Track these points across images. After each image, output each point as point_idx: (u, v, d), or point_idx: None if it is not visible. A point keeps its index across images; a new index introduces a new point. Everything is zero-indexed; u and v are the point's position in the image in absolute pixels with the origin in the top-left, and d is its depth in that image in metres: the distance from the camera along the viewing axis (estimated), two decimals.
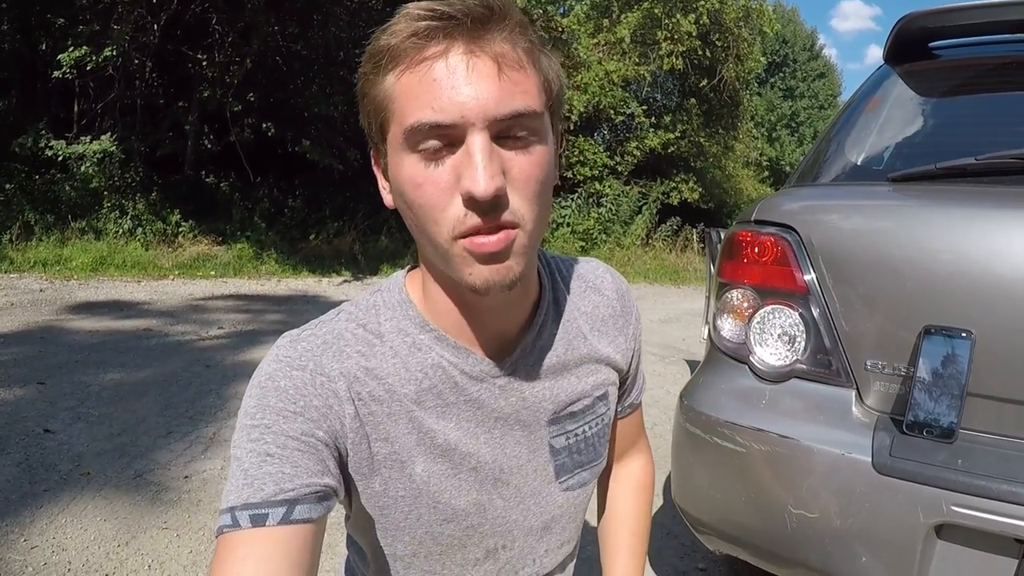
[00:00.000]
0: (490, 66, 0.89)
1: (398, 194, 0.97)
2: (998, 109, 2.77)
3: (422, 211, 0.93)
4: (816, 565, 2.00)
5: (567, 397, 1.21)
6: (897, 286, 1.98)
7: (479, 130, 0.89)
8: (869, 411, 2.03)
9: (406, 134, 0.90)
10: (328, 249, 14.13)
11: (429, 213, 0.93)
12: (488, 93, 0.88)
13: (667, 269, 17.92)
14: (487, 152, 0.89)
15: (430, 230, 0.94)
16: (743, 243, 2.26)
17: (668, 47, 18.84)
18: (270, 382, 1.00)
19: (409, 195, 0.94)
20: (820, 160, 2.68)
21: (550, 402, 1.18)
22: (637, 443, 1.54)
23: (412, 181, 0.92)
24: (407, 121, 0.90)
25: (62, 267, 10.31)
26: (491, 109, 0.88)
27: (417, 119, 0.89)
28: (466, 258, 0.93)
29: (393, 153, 0.95)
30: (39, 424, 4.45)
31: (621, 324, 1.31)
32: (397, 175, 0.95)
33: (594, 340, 1.25)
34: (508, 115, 0.90)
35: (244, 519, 0.91)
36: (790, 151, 40.58)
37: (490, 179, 0.88)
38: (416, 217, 0.95)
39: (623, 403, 1.42)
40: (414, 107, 0.89)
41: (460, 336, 1.09)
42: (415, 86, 0.89)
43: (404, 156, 0.93)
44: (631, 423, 1.49)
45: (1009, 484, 1.73)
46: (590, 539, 3.46)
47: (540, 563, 1.29)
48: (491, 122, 0.89)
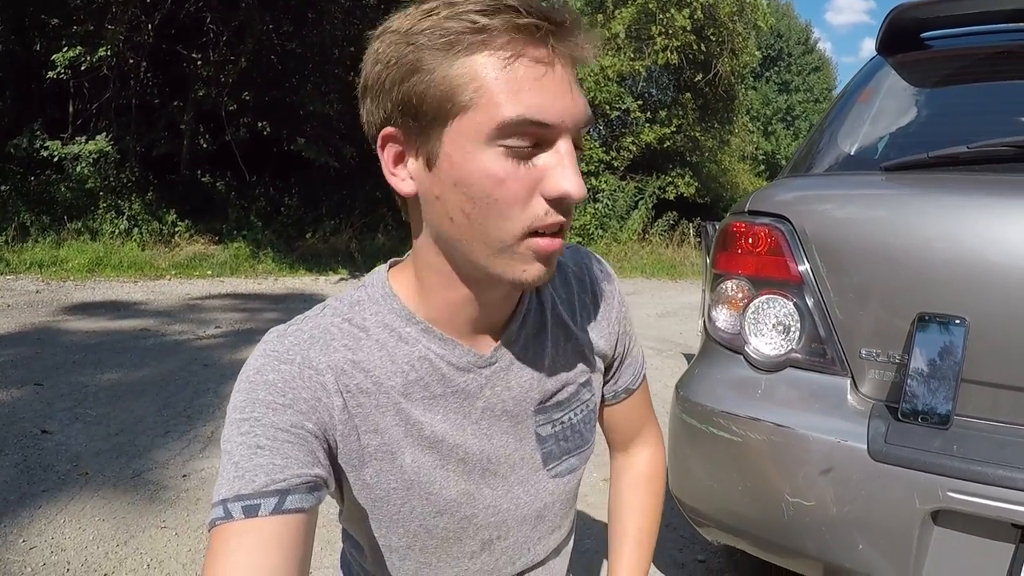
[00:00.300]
0: (573, 76, 0.93)
1: (454, 183, 0.93)
2: (990, 98, 2.78)
3: (495, 206, 0.91)
4: (813, 553, 2.01)
5: (552, 385, 1.21)
6: (891, 274, 1.98)
7: (570, 134, 0.92)
8: (864, 399, 2.04)
9: (501, 126, 0.88)
10: (325, 247, 14.15)
11: (504, 209, 0.91)
12: (580, 102, 0.93)
13: (664, 264, 17.96)
14: (574, 156, 0.92)
15: (496, 225, 0.93)
16: (737, 234, 2.26)
17: (663, 42, 18.88)
18: (258, 376, 1.00)
19: (485, 188, 0.91)
20: (813, 151, 2.68)
21: (536, 391, 1.19)
22: (642, 432, 1.51)
23: (492, 176, 0.90)
24: (506, 113, 0.87)
25: (58, 268, 10.32)
26: (581, 118, 0.92)
27: (521, 114, 0.87)
28: (527, 256, 0.95)
29: (461, 142, 0.91)
30: (37, 425, 4.44)
31: (603, 309, 1.31)
32: (462, 165, 0.91)
33: (575, 327, 1.26)
34: (587, 124, 0.94)
35: (236, 510, 0.91)
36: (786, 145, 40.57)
37: (581, 181, 0.91)
38: (481, 211, 0.92)
39: (614, 388, 1.41)
40: (517, 101, 0.88)
41: (448, 328, 1.09)
42: (519, 80, 0.88)
43: (482, 147, 0.90)
44: (631, 410, 1.46)
45: (1005, 469, 1.73)
46: (587, 532, 3.48)
47: (534, 551, 1.30)
48: (576, 129, 0.93)
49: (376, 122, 0.97)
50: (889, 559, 1.88)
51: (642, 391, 1.47)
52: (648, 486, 1.52)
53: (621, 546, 1.49)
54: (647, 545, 1.49)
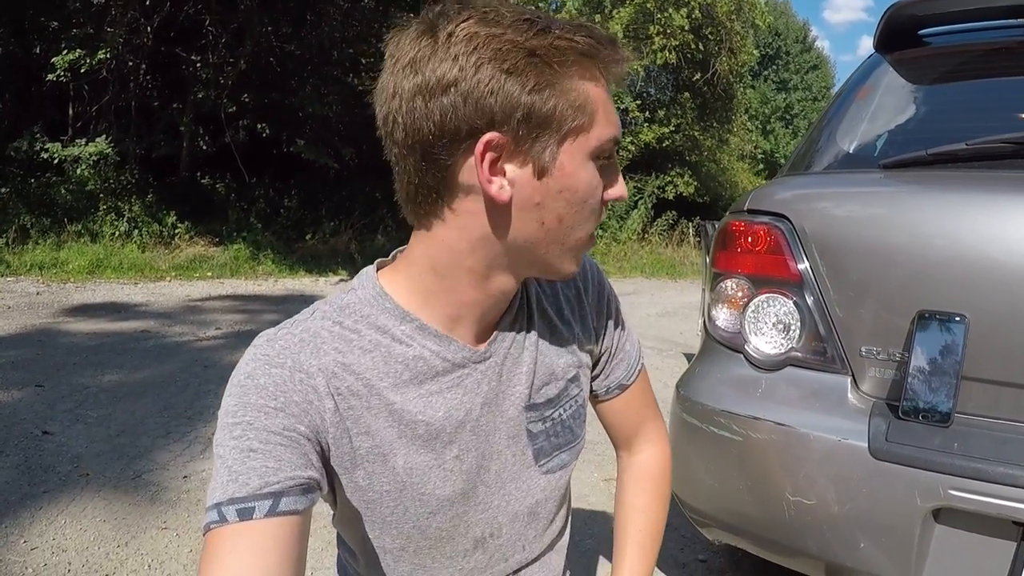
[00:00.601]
0: None
1: (561, 191, 1.00)
2: (988, 94, 2.78)
3: (586, 210, 1.03)
4: (815, 552, 2.01)
5: (541, 380, 1.22)
6: (890, 272, 1.98)
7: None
8: (865, 397, 2.04)
9: (604, 143, 1.00)
10: (324, 249, 14.15)
11: (590, 213, 1.04)
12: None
13: (664, 263, 17.96)
14: None
15: (582, 227, 1.05)
16: (736, 233, 2.26)
17: (661, 41, 18.86)
18: (250, 380, 1.00)
19: (584, 195, 1.02)
20: (812, 149, 2.68)
21: (525, 386, 1.20)
22: (644, 430, 1.49)
23: (593, 184, 1.02)
24: (606, 134, 1.00)
25: (59, 270, 10.32)
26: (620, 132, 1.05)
27: (613, 135, 1.02)
28: (584, 251, 1.10)
29: (575, 153, 0.99)
30: (38, 426, 4.44)
31: (587, 303, 1.33)
32: (574, 174, 0.99)
33: (559, 322, 1.27)
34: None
35: (231, 513, 0.91)
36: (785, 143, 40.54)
37: None
38: (576, 216, 1.03)
39: (606, 383, 1.41)
40: (608, 122, 1.00)
41: (445, 325, 1.10)
42: (608, 103, 1.01)
43: (588, 160, 1.00)
44: (628, 406, 1.45)
45: (1006, 467, 1.73)
46: (588, 532, 3.48)
47: (529, 548, 1.30)
48: None
49: (466, 124, 0.94)
50: (891, 557, 1.88)
51: (639, 387, 1.46)
52: (650, 486, 1.51)
53: (623, 548, 1.48)
54: (649, 547, 1.48)
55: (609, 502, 3.90)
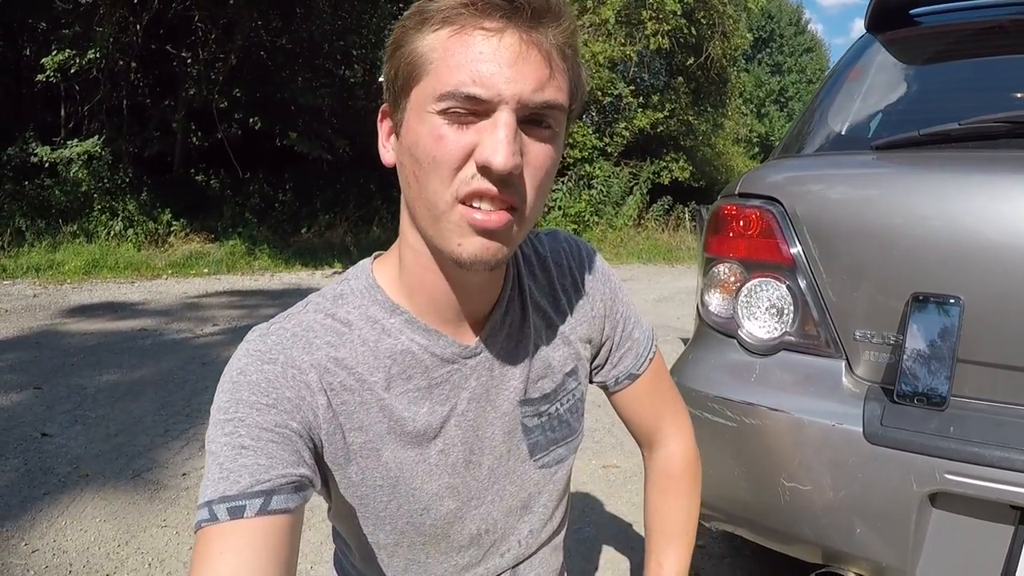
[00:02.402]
0: (537, 56, 0.92)
1: (408, 148, 0.97)
2: (981, 73, 2.77)
3: (433, 165, 0.94)
4: (811, 538, 2.00)
5: (536, 375, 1.21)
6: (884, 254, 1.97)
7: (509, 109, 0.91)
8: (859, 381, 2.03)
9: (441, 96, 0.91)
10: (320, 242, 14.16)
11: (440, 169, 0.94)
12: (527, 79, 0.91)
13: (660, 249, 17.95)
14: (512, 129, 0.91)
15: (433, 187, 0.95)
16: (728, 217, 2.25)
17: (653, 26, 18.80)
18: (242, 377, 1.00)
19: (427, 147, 0.94)
20: (804, 131, 2.67)
21: (520, 380, 1.19)
22: (662, 423, 1.45)
23: (434, 134, 0.93)
24: (445, 84, 0.91)
25: (55, 271, 10.30)
26: (526, 95, 0.91)
27: (456, 86, 0.90)
28: (462, 227, 0.95)
29: (416, 108, 0.95)
30: (36, 428, 4.44)
31: (585, 292, 1.30)
32: (415, 129, 0.95)
33: (555, 315, 1.25)
34: (539, 104, 0.93)
35: (222, 512, 0.91)
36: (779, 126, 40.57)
37: (511, 155, 0.90)
38: (424, 173, 0.95)
39: (615, 373, 1.37)
40: (455, 73, 0.91)
41: (431, 317, 1.09)
42: (460, 53, 0.91)
43: (427, 114, 0.93)
44: (642, 397, 1.41)
45: (1002, 450, 1.72)
46: (586, 520, 3.48)
47: (525, 544, 1.29)
48: (521, 106, 0.92)
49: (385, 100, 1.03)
50: (887, 542, 1.87)
51: (652, 376, 1.40)
52: (671, 486, 1.48)
53: (649, 551, 1.48)
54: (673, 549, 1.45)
55: (607, 490, 3.91)
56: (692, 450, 1.51)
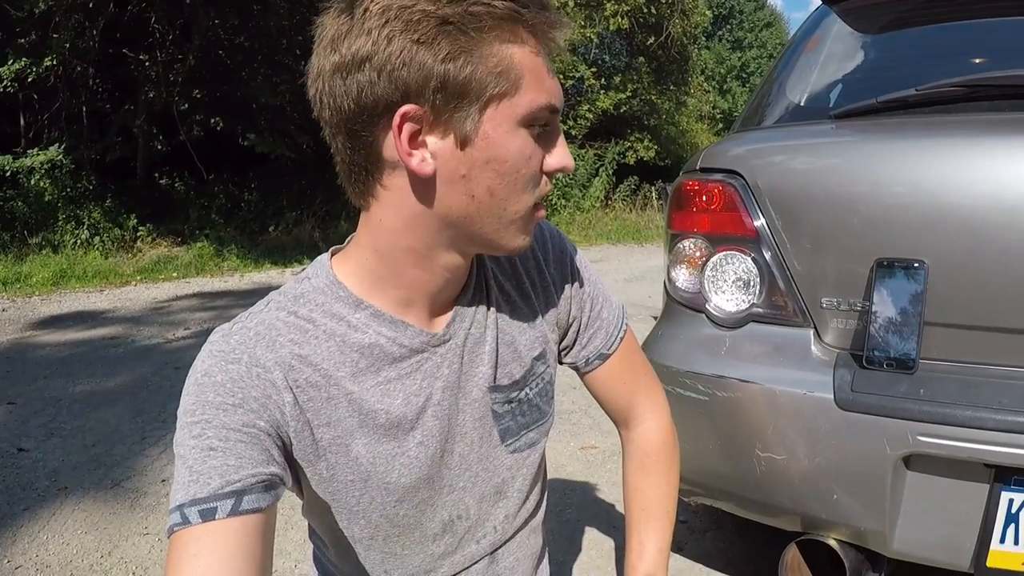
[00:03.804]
0: None
1: (487, 161, 0.96)
2: (936, 40, 2.79)
3: (520, 181, 1.00)
4: (789, 507, 2.02)
5: (503, 359, 1.21)
6: (846, 222, 1.99)
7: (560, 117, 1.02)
8: (828, 349, 2.04)
9: (536, 110, 0.96)
10: (288, 239, 14.08)
11: (527, 182, 1.00)
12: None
13: (629, 229, 17.97)
14: None
15: (517, 199, 1.01)
16: (691, 192, 2.26)
17: (612, 7, 18.80)
18: (207, 378, 0.99)
19: (516, 165, 0.98)
20: (763, 104, 2.68)
21: (488, 366, 1.19)
22: (636, 400, 1.46)
23: (524, 154, 0.98)
24: (538, 100, 0.96)
25: (22, 284, 10.18)
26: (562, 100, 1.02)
27: (548, 101, 0.98)
28: (529, 225, 1.06)
29: (501, 121, 0.95)
30: (12, 444, 4.40)
31: (549, 275, 1.30)
32: (501, 143, 0.96)
33: (520, 300, 1.26)
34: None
35: (193, 515, 0.90)
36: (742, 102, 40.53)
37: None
38: (507, 187, 0.99)
39: (585, 353, 1.38)
40: (542, 88, 0.97)
41: (399, 310, 1.09)
42: (542, 68, 0.97)
43: (517, 128, 0.97)
44: (614, 375, 1.42)
45: (973, 410, 1.75)
46: (568, 502, 3.49)
47: (501, 529, 1.29)
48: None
49: (382, 99, 0.93)
50: (865, 507, 1.90)
51: (624, 355, 1.42)
52: (648, 463, 1.48)
53: (630, 529, 1.48)
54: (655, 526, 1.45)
55: (586, 471, 3.93)
56: (668, 427, 1.52)
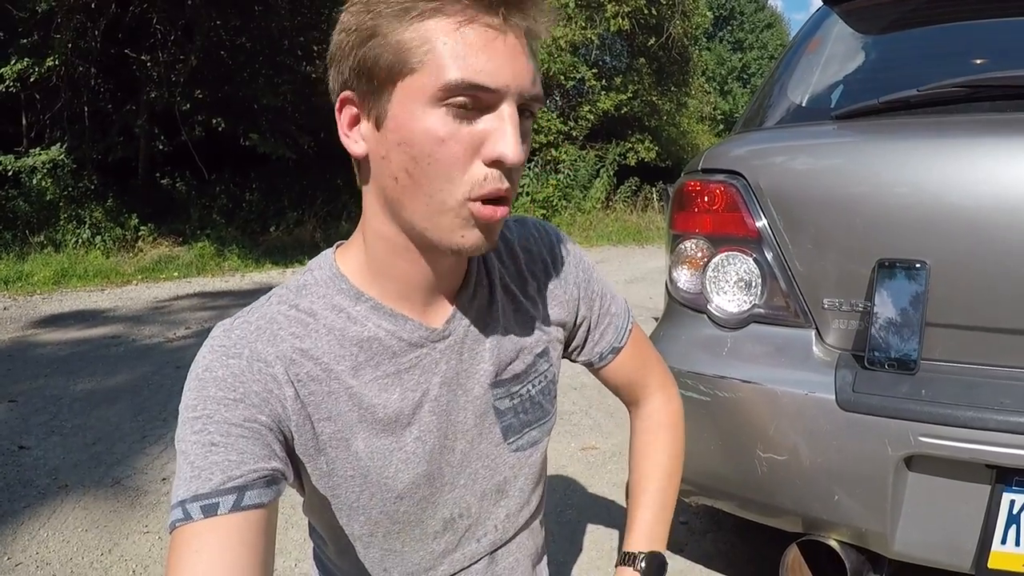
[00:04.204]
0: (527, 51, 0.96)
1: (398, 143, 0.96)
2: (937, 40, 2.79)
3: (437, 166, 0.94)
4: (791, 508, 2.02)
5: (506, 357, 1.21)
6: (848, 223, 1.99)
7: (512, 101, 0.94)
8: (830, 349, 2.04)
9: (445, 88, 0.91)
10: (289, 239, 14.07)
11: (446, 170, 0.94)
12: (527, 71, 0.95)
13: (630, 230, 17.96)
14: (516, 122, 0.94)
15: (439, 187, 0.95)
16: (692, 193, 2.26)
17: (613, 8, 18.79)
18: (208, 373, 1.00)
19: (425, 147, 0.93)
20: (764, 105, 2.68)
21: (490, 363, 1.19)
22: (648, 382, 1.48)
23: (434, 135, 0.93)
24: (450, 75, 0.90)
25: (24, 283, 10.18)
26: (527, 87, 0.94)
27: (463, 76, 0.90)
28: (468, 221, 0.97)
29: (406, 102, 0.94)
30: (13, 442, 4.40)
31: (555, 276, 1.31)
32: (408, 125, 0.94)
33: (524, 298, 1.26)
34: (533, 96, 0.96)
35: (195, 511, 0.91)
36: (743, 103, 40.57)
37: (519, 147, 0.93)
38: (425, 172, 0.95)
39: (599, 350, 1.40)
40: (462, 64, 0.90)
41: (398, 303, 1.10)
42: (467, 45, 0.91)
43: (427, 108, 0.93)
44: (627, 366, 1.44)
45: (975, 411, 1.75)
46: (568, 503, 3.49)
47: (502, 528, 1.29)
48: (521, 98, 0.95)
49: (336, 88, 1.01)
50: (866, 508, 1.89)
51: (634, 344, 1.44)
52: (661, 434, 1.49)
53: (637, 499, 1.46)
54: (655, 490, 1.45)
55: (587, 471, 3.92)
56: (677, 400, 1.54)
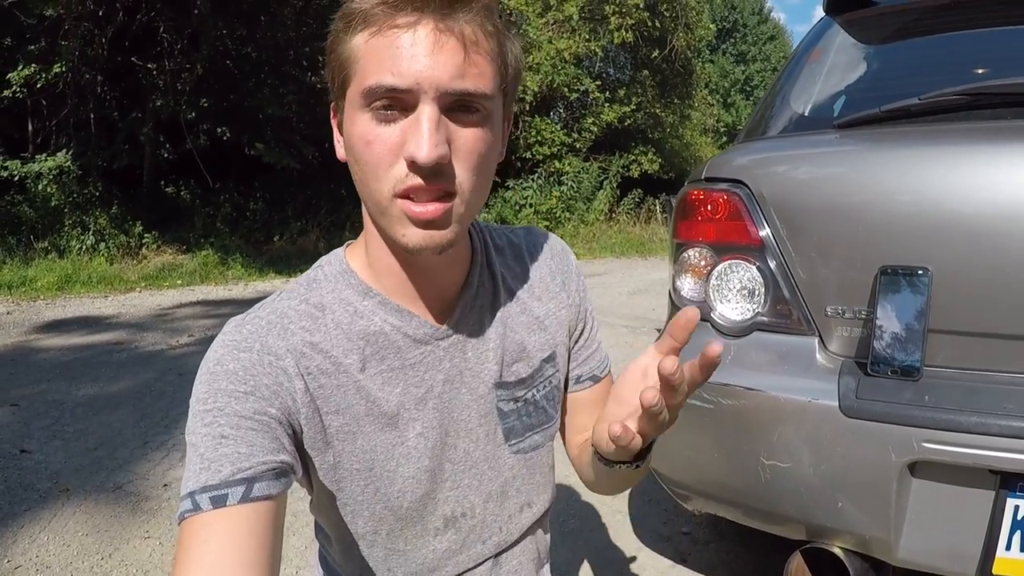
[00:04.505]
0: (453, 44, 0.93)
1: (349, 148, 1.01)
2: (939, 49, 2.80)
3: (368, 167, 0.97)
4: (794, 515, 2.02)
5: (509, 357, 1.21)
6: (850, 231, 1.99)
7: (430, 100, 0.93)
8: (833, 357, 2.05)
9: (364, 93, 0.94)
10: (293, 249, 14.10)
11: (374, 170, 0.97)
12: (446, 68, 0.92)
13: (632, 242, 18.00)
14: (435, 121, 0.93)
15: (372, 186, 0.98)
16: (696, 202, 2.26)
17: (617, 21, 18.83)
18: (219, 367, 1.01)
19: (359, 150, 0.98)
20: (767, 114, 2.69)
21: (494, 363, 1.19)
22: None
23: (363, 138, 0.96)
24: (367, 81, 0.94)
25: (27, 288, 10.19)
26: (445, 83, 0.93)
27: (376, 80, 0.93)
28: (402, 219, 0.98)
29: (350, 109, 0.99)
30: (15, 445, 4.40)
31: (559, 281, 1.31)
32: (350, 130, 0.99)
33: (531, 302, 1.26)
34: (459, 92, 0.94)
35: (204, 502, 0.92)
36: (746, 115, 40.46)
37: (434, 147, 0.92)
38: (362, 172, 0.99)
39: (576, 372, 1.36)
40: (376, 69, 0.93)
41: (402, 298, 1.11)
42: (380, 50, 0.93)
43: (359, 113, 0.97)
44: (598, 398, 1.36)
45: (978, 416, 1.75)
46: (572, 512, 3.49)
47: (506, 530, 1.29)
48: (442, 95, 0.93)
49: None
50: (870, 514, 1.89)
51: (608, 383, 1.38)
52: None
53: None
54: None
55: None
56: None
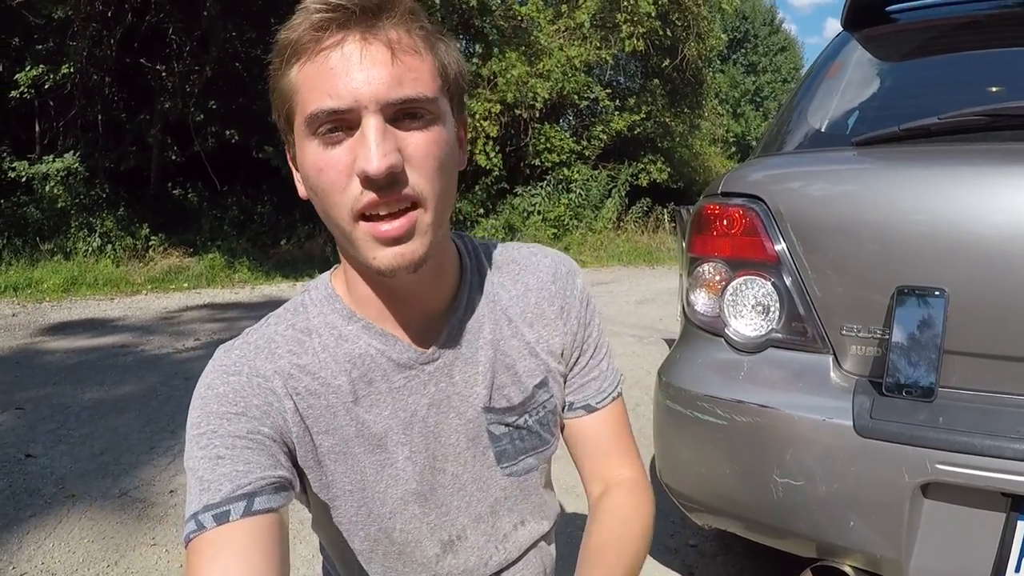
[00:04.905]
0: (383, 52, 0.94)
1: (306, 180, 1.01)
2: (958, 68, 2.79)
3: (324, 194, 0.97)
4: (805, 533, 2.00)
5: (499, 381, 1.20)
6: (867, 249, 1.98)
7: (372, 113, 0.93)
8: (847, 376, 2.03)
9: (307, 121, 0.95)
10: (300, 253, 14.13)
11: (330, 196, 0.96)
12: (380, 78, 0.93)
13: (640, 250, 18.01)
14: (380, 132, 0.93)
15: (332, 213, 0.98)
16: (711, 216, 2.25)
17: (628, 29, 18.86)
18: (210, 391, 1.03)
19: (313, 180, 0.98)
20: (784, 129, 2.68)
21: (483, 387, 1.18)
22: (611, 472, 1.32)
23: (315, 166, 0.96)
24: (307, 109, 0.94)
25: (33, 290, 10.22)
26: (383, 94, 0.92)
27: (316, 106, 0.93)
28: (369, 242, 0.97)
29: (299, 141, 0.99)
30: (20, 450, 4.40)
31: (557, 307, 1.26)
32: (303, 162, 0.99)
33: (522, 325, 1.23)
34: (400, 100, 0.94)
35: (208, 520, 0.93)
36: (755, 126, 40.77)
37: (383, 156, 0.91)
38: (321, 201, 0.99)
39: (569, 399, 1.30)
40: (314, 96, 0.93)
41: (385, 323, 1.12)
42: (315, 76, 0.94)
43: (307, 143, 0.97)
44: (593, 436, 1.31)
45: (991, 439, 1.73)
46: (578, 524, 3.46)
47: (505, 549, 1.28)
48: (384, 105, 0.93)
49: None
50: (881, 534, 1.88)
51: (612, 417, 1.32)
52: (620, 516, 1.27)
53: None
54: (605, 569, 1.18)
55: None
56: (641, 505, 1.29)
